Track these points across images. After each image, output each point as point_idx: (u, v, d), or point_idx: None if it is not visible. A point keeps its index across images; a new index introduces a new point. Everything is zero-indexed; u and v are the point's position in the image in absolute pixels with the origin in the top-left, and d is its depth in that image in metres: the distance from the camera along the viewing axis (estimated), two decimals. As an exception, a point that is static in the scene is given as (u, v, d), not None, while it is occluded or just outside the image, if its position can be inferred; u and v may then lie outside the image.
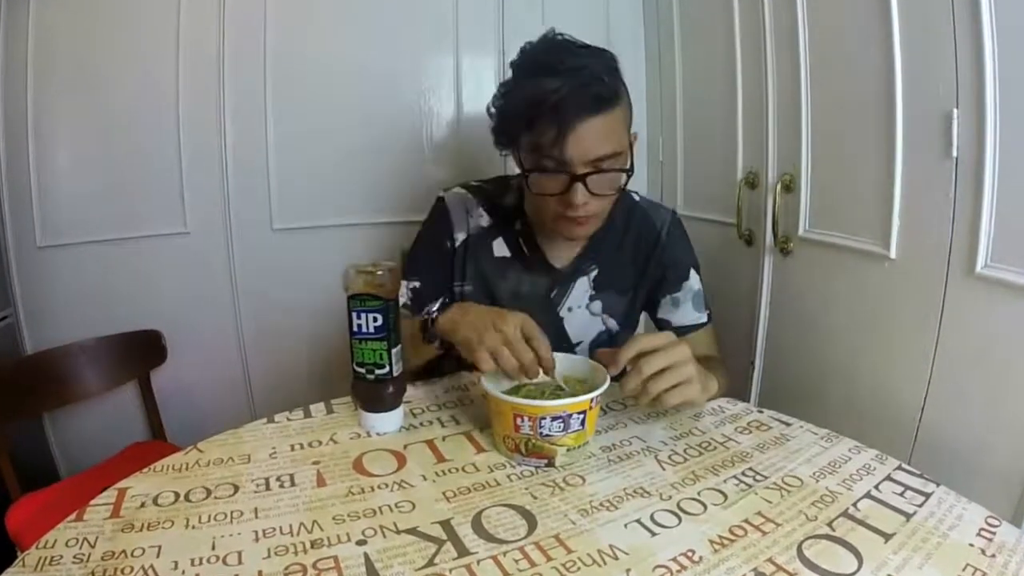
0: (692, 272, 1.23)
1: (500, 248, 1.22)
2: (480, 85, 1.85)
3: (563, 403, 0.82)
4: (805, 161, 1.32)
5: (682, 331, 1.21)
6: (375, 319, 0.88)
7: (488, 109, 1.10)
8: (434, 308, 1.00)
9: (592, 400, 0.83)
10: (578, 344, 1.23)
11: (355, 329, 0.89)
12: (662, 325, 1.24)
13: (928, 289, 1.07)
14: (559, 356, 0.92)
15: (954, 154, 1.00)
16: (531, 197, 1.13)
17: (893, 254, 1.13)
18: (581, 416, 0.83)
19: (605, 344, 1.23)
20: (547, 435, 0.82)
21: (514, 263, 1.22)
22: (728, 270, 1.59)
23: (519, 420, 0.82)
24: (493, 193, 1.25)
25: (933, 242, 1.05)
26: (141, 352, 1.72)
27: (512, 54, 1.09)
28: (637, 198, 1.26)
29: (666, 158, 1.87)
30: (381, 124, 1.80)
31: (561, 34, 1.06)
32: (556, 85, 0.96)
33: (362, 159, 1.81)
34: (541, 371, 0.90)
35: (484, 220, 1.23)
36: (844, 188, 1.25)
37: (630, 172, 1.05)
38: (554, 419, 0.81)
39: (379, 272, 0.88)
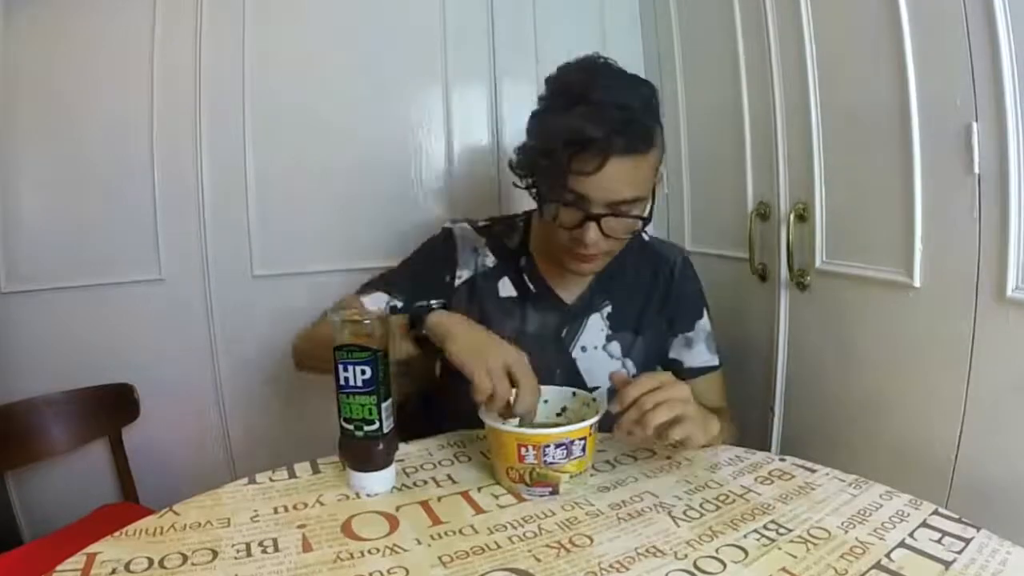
0: (705, 312, 1.28)
1: (506, 288, 1.24)
2: (472, 117, 1.88)
3: (565, 430, 0.88)
4: (819, 188, 1.33)
5: (694, 373, 1.21)
6: (363, 371, 0.87)
7: (527, 130, 1.11)
8: (434, 302, 1.06)
9: (592, 427, 0.90)
10: (595, 388, 1.20)
11: (342, 382, 0.89)
12: (674, 366, 1.25)
13: (956, 317, 1.06)
14: (552, 389, 1.01)
15: (976, 170, 1.01)
16: (541, 226, 1.18)
17: (917, 282, 1.14)
18: (582, 442, 0.90)
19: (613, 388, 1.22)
20: (551, 463, 0.88)
21: (521, 302, 1.23)
22: (742, 308, 1.59)
23: (523, 450, 0.88)
24: (499, 233, 1.27)
25: (959, 266, 1.05)
26: (112, 407, 1.70)
27: (504, 82, 1.11)
28: (647, 237, 1.30)
29: (671, 190, 1.89)
30: (367, 162, 1.82)
31: (605, 58, 1.08)
32: (594, 120, 0.97)
33: (347, 200, 1.82)
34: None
35: (490, 260, 1.25)
36: (862, 214, 1.26)
37: (646, 220, 1.08)
38: (557, 446, 0.88)
39: (366, 321, 0.88)
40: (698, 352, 1.25)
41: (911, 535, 0.78)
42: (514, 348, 0.95)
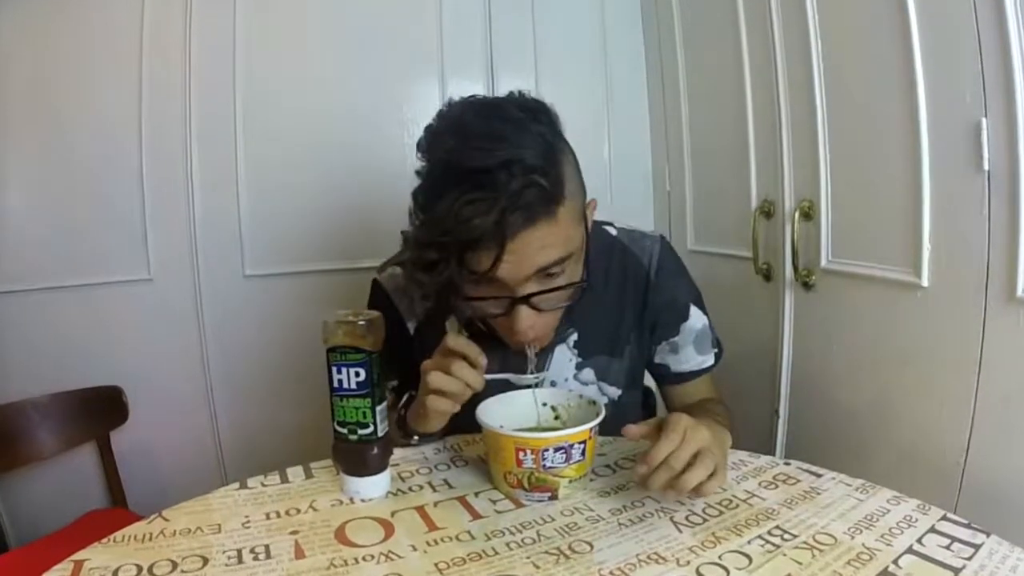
0: (692, 309, 1.17)
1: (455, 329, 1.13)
2: (469, 113, 1.88)
3: (564, 434, 0.88)
4: (824, 185, 1.33)
5: (684, 378, 1.18)
6: (357, 374, 0.87)
7: (405, 238, 0.97)
8: (401, 404, 1.03)
9: (592, 430, 0.89)
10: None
11: (335, 385, 0.88)
12: (659, 371, 1.20)
13: (966, 318, 1.07)
14: (551, 391, 1.02)
15: (985, 167, 1.01)
16: (482, 316, 1.03)
17: (925, 282, 1.14)
18: (582, 446, 0.89)
19: (610, 414, 1.06)
20: (550, 467, 0.88)
21: (477, 342, 1.01)
22: (746, 308, 1.59)
23: (521, 454, 0.87)
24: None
25: (968, 265, 1.06)
26: (100, 410, 1.71)
27: (501, 77, 1.09)
28: (614, 232, 1.17)
29: (673, 188, 1.89)
30: (361, 160, 1.83)
31: (472, 98, 0.96)
32: (480, 204, 0.83)
33: (342, 198, 1.83)
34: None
35: (429, 300, 1.07)
36: (868, 212, 1.26)
37: (583, 283, 0.97)
38: (556, 450, 0.87)
39: (360, 322, 0.88)
40: (686, 356, 1.17)
41: (919, 541, 0.77)
42: (426, 364, 0.94)
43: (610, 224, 1.18)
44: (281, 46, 1.76)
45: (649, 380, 1.26)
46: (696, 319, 1.17)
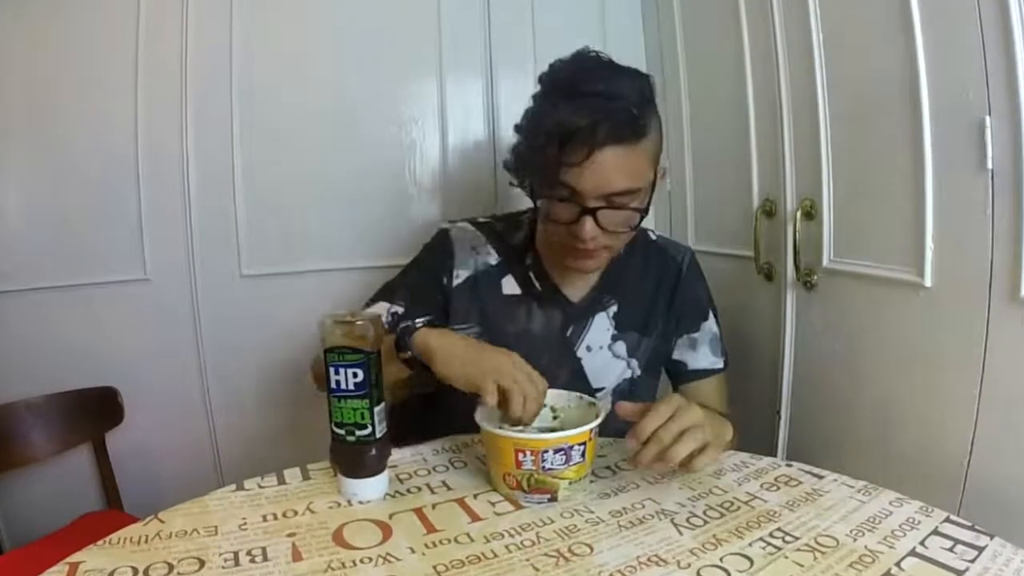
0: (711, 314, 1.30)
1: (510, 286, 1.25)
2: (468, 111, 1.88)
3: (564, 435, 0.89)
4: (827, 184, 1.33)
5: (697, 375, 1.22)
6: (355, 374, 0.88)
7: (515, 128, 1.13)
8: (419, 322, 1.05)
9: (592, 431, 0.90)
10: (600, 390, 1.23)
11: (333, 386, 0.89)
12: (677, 367, 1.27)
13: (969, 318, 1.06)
14: (551, 392, 1.00)
15: (989, 166, 1.00)
16: (542, 224, 1.18)
17: (928, 282, 1.13)
18: (582, 447, 0.90)
19: (626, 390, 1.25)
20: (550, 468, 0.89)
21: (525, 300, 1.25)
22: (747, 308, 1.59)
23: (521, 455, 0.88)
24: (503, 230, 1.28)
25: (972, 266, 1.05)
26: (95, 411, 1.70)
27: (500, 75, 1.11)
28: (653, 236, 1.32)
29: (673, 187, 1.89)
30: (359, 158, 1.82)
31: (596, 52, 1.09)
32: (580, 111, 0.98)
33: (339, 198, 1.82)
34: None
35: (492, 258, 1.26)
36: (871, 212, 1.26)
37: (644, 212, 1.08)
38: (556, 451, 0.88)
39: (359, 322, 0.88)
40: (702, 354, 1.27)
41: (922, 543, 0.78)
42: (504, 351, 0.97)
43: (651, 230, 1.33)
44: (278, 45, 1.76)
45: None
46: (713, 323, 1.30)
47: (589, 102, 0.98)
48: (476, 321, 1.23)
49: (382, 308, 1.20)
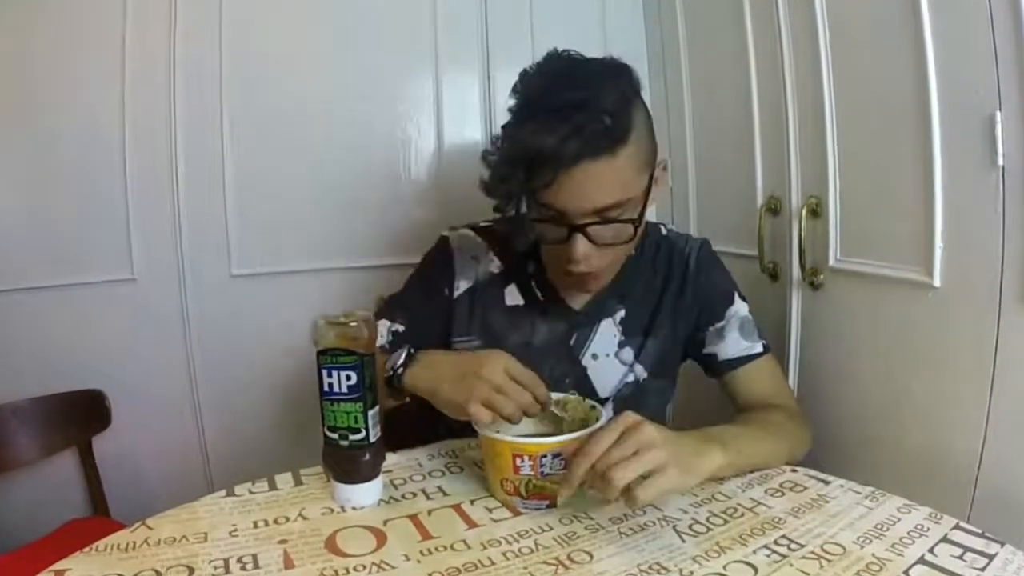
0: (736, 297, 1.25)
1: (513, 296, 1.24)
2: (464, 108, 1.88)
3: (563, 439, 0.88)
4: (833, 181, 1.33)
5: (732, 365, 1.20)
6: (348, 377, 0.87)
7: (483, 157, 1.07)
8: (399, 363, 1.01)
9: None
10: (607, 399, 1.21)
11: (326, 389, 0.88)
12: (708, 362, 1.24)
13: (979, 319, 1.06)
14: (551, 395, 0.99)
15: (1000, 162, 1.00)
16: (543, 251, 1.17)
17: (937, 282, 1.13)
18: None
19: (630, 396, 1.22)
20: (548, 474, 0.88)
21: (528, 311, 1.23)
22: (751, 308, 1.58)
23: (519, 460, 0.88)
24: (505, 234, 1.26)
25: (982, 265, 1.05)
26: (81, 415, 1.70)
27: (498, 70, 1.10)
28: (665, 231, 1.29)
29: (676, 184, 1.89)
30: (353, 156, 1.82)
31: (567, 52, 1.05)
32: (545, 129, 0.94)
33: (332, 196, 1.82)
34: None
35: (495, 266, 1.25)
36: (878, 209, 1.26)
37: (636, 223, 1.04)
38: (555, 456, 0.87)
39: (352, 324, 0.88)
40: (732, 341, 1.21)
41: (931, 551, 0.78)
42: (495, 352, 0.97)
43: (662, 224, 1.31)
44: (270, 41, 1.76)
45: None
46: (740, 306, 1.24)
47: (555, 117, 0.94)
48: (477, 334, 1.22)
49: (383, 327, 1.20)
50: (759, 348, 1.21)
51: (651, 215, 1.12)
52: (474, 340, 1.22)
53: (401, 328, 1.21)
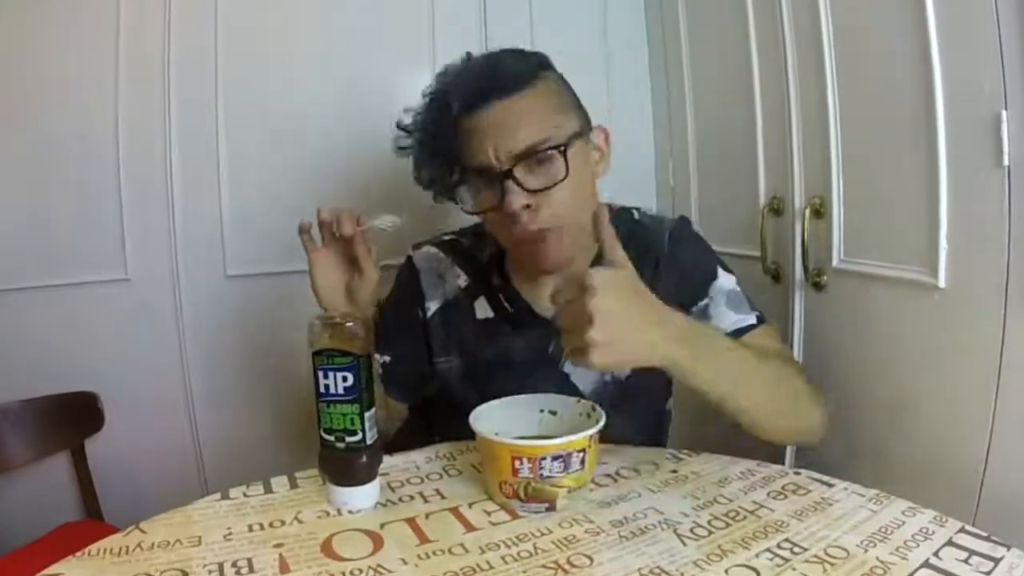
0: (720, 271, 1.19)
1: (483, 309, 1.23)
2: (462, 104, 1.87)
3: (562, 441, 0.87)
4: (836, 181, 1.33)
5: None
6: (344, 378, 0.87)
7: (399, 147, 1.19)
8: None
9: (591, 438, 0.89)
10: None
11: (322, 390, 0.88)
12: None
13: (984, 320, 1.06)
14: (551, 397, 1.02)
15: (1005, 162, 1.00)
16: (488, 227, 1.16)
17: (942, 283, 1.13)
18: (581, 455, 0.88)
19: (610, 395, 1.17)
20: (548, 476, 0.87)
21: (500, 324, 1.22)
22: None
23: (517, 463, 0.87)
24: (469, 247, 1.26)
25: (987, 266, 1.05)
26: (74, 417, 1.70)
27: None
28: (637, 215, 1.26)
29: (677, 184, 1.89)
30: (348, 157, 1.82)
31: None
32: (459, 86, 1.03)
33: (329, 195, 1.81)
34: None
35: (462, 280, 1.24)
36: (882, 209, 1.26)
37: (563, 149, 1.02)
38: (554, 459, 0.87)
39: (348, 324, 0.88)
40: (721, 316, 1.14)
41: (936, 554, 0.77)
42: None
43: (636, 209, 1.27)
44: (265, 41, 1.76)
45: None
46: (725, 279, 1.18)
47: (464, 76, 1.05)
48: (455, 353, 1.22)
49: (376, 358, 1.19)
50: (752, 320, 1.15)
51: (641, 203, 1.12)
52: (452, 359, 1.22)
53: (388, 359, 1.22)
